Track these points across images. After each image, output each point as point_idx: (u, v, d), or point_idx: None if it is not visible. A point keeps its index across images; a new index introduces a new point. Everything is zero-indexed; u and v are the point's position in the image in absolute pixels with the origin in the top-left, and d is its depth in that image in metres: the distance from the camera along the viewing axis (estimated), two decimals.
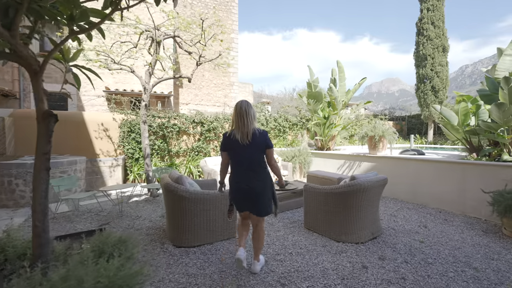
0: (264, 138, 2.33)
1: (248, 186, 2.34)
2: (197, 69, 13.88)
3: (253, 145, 2.29)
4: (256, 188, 2.36)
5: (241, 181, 2.37)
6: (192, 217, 3.06)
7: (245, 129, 2.25)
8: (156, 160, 7.58)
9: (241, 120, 2.25)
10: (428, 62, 12.02)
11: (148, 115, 7.69)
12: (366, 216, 3.15)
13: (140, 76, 5.40)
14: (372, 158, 5.59)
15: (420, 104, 12.68)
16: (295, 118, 10.06)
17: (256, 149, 2.32)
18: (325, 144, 7.65)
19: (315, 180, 5.45)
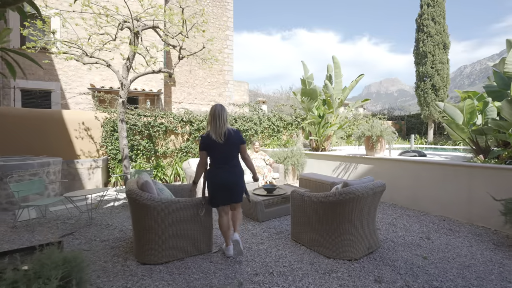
0: (239, 136, 2.72)
1: (228, 179, 2.68)
2: (190, 68, 13.37)
3: (230, 143, 2.64)
4: (235, 180, 2.73)
5: (222, 175, 2.68)
6: (159, 229, 2.63)
7: (220, 130, 2.58)
8: (142, 161, 7.15)
9: (216, 122, 2.58)
10: (429, 60, 11.61)
11: (134, 113, 7.28)
12: (361, 228, 2.73)
13: (117, 70, 4.97)
14: (369, 159, 5.18)
15: (420, 103, 12.27)
16: (290, 117, 9.65)
17: (233, 146, 2.68)
18: (320, 145, 7.24)
19: (308, 184, 5.03)
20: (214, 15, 14.93)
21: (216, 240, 3.19)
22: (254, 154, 5.91)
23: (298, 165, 6.51)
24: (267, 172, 5.40)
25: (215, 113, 2.58)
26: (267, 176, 5.34)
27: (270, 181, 5.34)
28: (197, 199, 2.84)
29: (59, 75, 9.12)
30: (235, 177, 2.72)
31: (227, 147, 2.63)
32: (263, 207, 3.81)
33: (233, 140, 2.65)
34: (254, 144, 6.04)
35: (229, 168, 2.69)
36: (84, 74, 9.45)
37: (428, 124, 12.38)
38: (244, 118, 8.68)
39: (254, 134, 8.68)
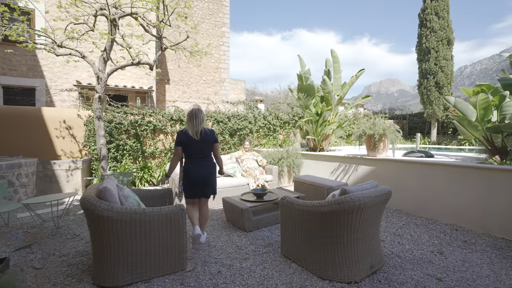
0: (212, 135, 2.96)
1: (201, 174, 2.91)
2: (178, 63, 12.85)
3: (204, 140, 2.89)
4: (207, 175, 2.95)
5: (196, 170, 2.90)
6: (120, 245, 2.18)
7: (195, 128, 2.83)
8: (128, 161, 6.71)
9: (193, 121, 2.84)
10: (432, 56, 11.14)
11: (120, 111, 6.83)
12: (362, 243, 2.28)
13: (92, 63, 4.51)
14: (370, 160, 4.73)
15: (423, 101, 11.80)
16: (287, 116, 9.20)
17: (207, 143, 2.93)
18: (318, 144, 6.78)
19: (303, 187, 4.59)
20: (210, 11, 14.49)
21: (193, 255, 2.74)
22: (246, 154, 5.46)
23: (294, 167, 6.06)
24: (259, 174, 4.95)
25: (192, 113, 2.86)
26: (259, 179, 4.89)
27: (263, 184, 4.89)
28: (170, 207, 2.41)
29: (44, 71, 8.68)
30: (207, 172, 2.96)
31: (202, 144, 2.89)
32: (250, 214, 3.36)
33: (208, 138, 2.92)
34: (244, 143, 5.59)
35: (202, 164, 2.94)
36: (71, 70, 9.01)
37: (431, 123, 11.92)
38: (238, 116, 8.24)
39: (248, 133, 8.24)
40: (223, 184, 4.58)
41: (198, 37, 14.01)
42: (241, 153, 5.53)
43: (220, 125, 7.88)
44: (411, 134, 13.49)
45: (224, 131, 7.88)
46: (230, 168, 5.11)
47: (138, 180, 6.45)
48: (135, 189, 3.13)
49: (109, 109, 6.77)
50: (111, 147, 6.49)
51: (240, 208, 3.33)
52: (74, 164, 5.56)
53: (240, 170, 5.18)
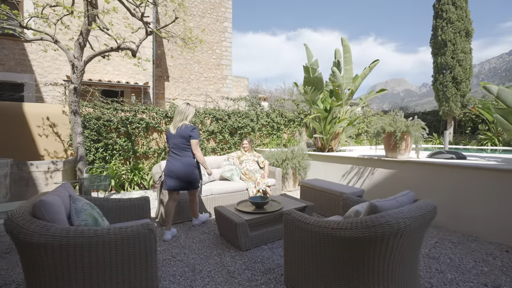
0: (188, 130, 3.04)
1: (174, 167, 3.04)
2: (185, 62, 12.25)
3: (179, 135, 3.04)
4: (180, 170, 3.03)
5: (170, 163, 3.09)
6: (60, 282, 1.56)
7: (176, 123, 3.08)
8: (117, 162, 6.14)
9: (176, 116, 3.09)
10: (449, 49, 10.32)
11: (109, 107, 6.27)
12: (396, 277, 1.62)
13: (66, 48, 3.92)
14: (390, 162, 4.05)
15: (438, 98, 10.99)
16: (292, 114, 8.54)
17: (182, 139, 3.04)
18: (327, 144, 6.11)
19: (311, 194, 3.93)
20: (211, 5, 13.89)
21: (169, 287, 2.11)
22: (246, 155, 4.82)
23: (300, 169, 5.40)
24: (260, 178, 4.30)
25: (178, 109, 3.09)
26: (260, 183, 4.24)
27: (264, 189, 4.25)
28: (134, 227, 1.79)
29: (33, 66, 8.18)
30: (181, 166, 3.03)
31: (177, 139, 3.03)
32: (247, 229, 2.72)
33: (182, 133, 3.01)
34: (243, 142, 4.96)
35: (176, 158, 3.05)
36: (62, 65, 8.49)
37: (447, 122, 11.12)
38: (239, 114, 7.61)
39: (250, 132, 7.60)
40: (218, 190, 3.94)
41: (198, 32, 13.43)
42: (240, 154, 4.89)
43: (219, 123, 7.26)
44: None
45: (223, 130, 7.26)
46: (227, 171, 4.48)
47: (127, 183, 5.86)
48: (102, 199, 2.51)
49: (98, 105, 6.21)
50: (99, 146, 5.93)
51: (235, 222, 2.69)
52: (54, 165, 4.99)
53: (238, 173, 4.54)
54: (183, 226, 3.51)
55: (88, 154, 5.85)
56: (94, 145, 5.91)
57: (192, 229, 3.38)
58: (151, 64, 9.73)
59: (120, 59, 9.27)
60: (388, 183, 4.11)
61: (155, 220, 3.76)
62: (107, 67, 9.09)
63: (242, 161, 4.73)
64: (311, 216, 1.94)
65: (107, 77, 9.00)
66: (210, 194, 3.87)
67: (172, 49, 12.67)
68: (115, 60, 9.20)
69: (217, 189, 3.94)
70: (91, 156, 5.85)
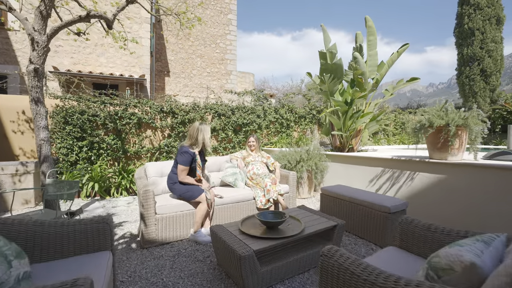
0: (178, 152, 3.03)
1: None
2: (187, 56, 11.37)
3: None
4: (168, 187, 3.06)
5: None
6: None
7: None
8: (103, 163, 5.34)
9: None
10: (477, 39, 9.29)
11: (96, 100, 5.48)
12: None
13: (24, 18, 3.11)
14: (437, 166, 3.15)
15: (464, 93, 9.96)
16: (303, 110, 7.66)
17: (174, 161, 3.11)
18: (346, 143, 5.21)
19: (334, 205, 3.06)
20: None
21: None
22: (252, 155, 3.96)
23: (317, 172, 4.52)
24: (271, 184, 3.43)
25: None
26: (270, 191, 3.37)
27: (275, 198, 3.37)
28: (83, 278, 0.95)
29: (18, 56, 7.46)
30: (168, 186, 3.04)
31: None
32: (255, 263, 1.86)
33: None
34: (249, 140, 4.10)
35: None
36: (50, 56, 7.75)
37: None
38: (244, 109, 6.76)
39: (256, 129, 6.75)
40: (217, 199, 3.09)
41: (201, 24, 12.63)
42: (245, 154, 4.03)
43: (222, 119, 6.43)
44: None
45: (226, 127, 6.42)
46: (229, 175, 3.62)
47: (114, 188, 5.05)
48: (37, 223, 1.65)
49: (83, 97, 5.43)
50: (83, 144, 5.14)
51: (238, 253, 1.82)
52: (23, 167, 4.20)
53: (243, 177, 3.69)
54: (170, 249, 2.66)
55: (70, 153, 5.07)
56: (77, 143, 5.13)
57: (181, 255, 2.53)
58: (148, 55, 8.96)
59: (114, 50, 8.51)
60: (434, 192, 3.20)
61: (136, 239, 2.93)
62: (100, 59, 8.34)
63: (248, 163, 3.88)
64: (372, 267, 1.06)
65: (100, 69, 8.25)
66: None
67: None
68: (109, 51, 8.45)
69: (216, 199, 3.09)
70: (73, 156, 5.07)
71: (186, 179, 2.96)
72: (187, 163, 2.94)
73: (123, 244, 2.78)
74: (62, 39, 7.85)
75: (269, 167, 3.94)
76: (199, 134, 2.98)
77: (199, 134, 2.98)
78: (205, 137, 3.01)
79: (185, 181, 2.95)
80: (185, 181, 2.95)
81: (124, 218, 3.64)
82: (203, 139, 3.00)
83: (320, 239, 2.49)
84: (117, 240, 2.87)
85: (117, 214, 3.82)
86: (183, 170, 2.93)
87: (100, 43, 8.32)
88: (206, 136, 3.01)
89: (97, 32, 8.28)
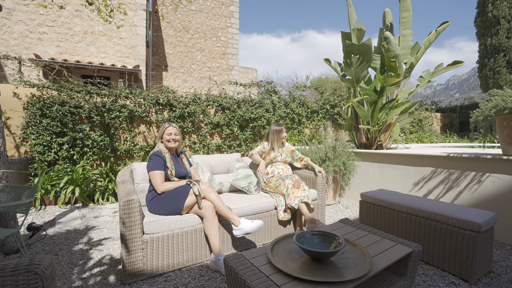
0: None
1: None
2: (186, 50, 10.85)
3: None
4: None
5: None
6: None
7: None
8: (91, 163, 4.54)
9: None
10: (502, 28, 8.53)
11: (81, 90, 4.68)
12: None
13: None
14: None
15: (487, 87, 9.22)
16: (315, 104, 6.88)
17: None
18: (375, 139, 4.42)
19: (381, 215, 2.26)
20: None
21: None
22: (275, 153, 3.03)
23: (345, 173, 3.72)
24: (292, 187, 2.59)
25: None
26: (291, 197, 2.54)
27: (297, 206, 2.53)
28: None
29: None
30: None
31: None
32: None
33: None
34: (281, 130, 3.08)
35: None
36: (33, 44, 6.94)
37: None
38: (252, 102, 5.97)
39: (265, 124, 5.96)
40: None
41: (202, 16, 11.88)
42: (273, 154, 3.00)
43: (227, 113, 5.63)
44: (463, 131, 10.89)
45: (231, 122, 5.62)
46: (242, 178, 2.80)
47: (99, 193, 4.23)
48: None
49: (66, 86, 4.64)
50: (63, 141, 4.34)
51: None
52: None
53: (258, 182, 2.88)
54: (164, 284, 1.85)
55: (47, 152, 4.26)
56: (56, 140, 4.32)
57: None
58: (143, 45, 8.15)
59: (106, 39, 7.70)
60: (510, 197, 2.41)
61: (117, 266, 2.11)
62: (90, 48, 7.53)
63: (273, 164, 3.00)
64: None
65: (90, 59, 7.44)
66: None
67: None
68: (100, 40, 7.64)
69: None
70: (51, 155, 4.26)
71: (166, 186, 2.21)
72: (159, 166, 2.24)
73: (97, 276, 1.96)
74: (47, 25, 7.05)
75: (295, 164, 3.10)
76: (158, 133, 2.51)
77: (158, 132, 2.52)
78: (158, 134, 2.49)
79: (165, 188, 2.19)
80: (166, 187, 2.20)
81: (106, 234, 2.83)
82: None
83: (385, 273, 1.69)
84: (89, 270, 2.06)
85: (97, 228, 3.00)
86: (157, 176, 2.21)
87: (91, 31, 7.52)
88: (159, 133, 2.47)
89: (86, 19, 7.50)
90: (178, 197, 2.09)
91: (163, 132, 2.40)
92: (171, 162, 2.31)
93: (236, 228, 2.09)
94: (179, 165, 2.39)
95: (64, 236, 2.72)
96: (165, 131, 2.39)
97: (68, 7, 7.20)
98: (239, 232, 2.09)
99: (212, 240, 2.04)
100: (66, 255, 2.31)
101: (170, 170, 2.27)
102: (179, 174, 2.33)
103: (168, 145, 2.39)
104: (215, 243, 2.04)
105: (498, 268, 2.04)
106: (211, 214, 2.06)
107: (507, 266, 2.07)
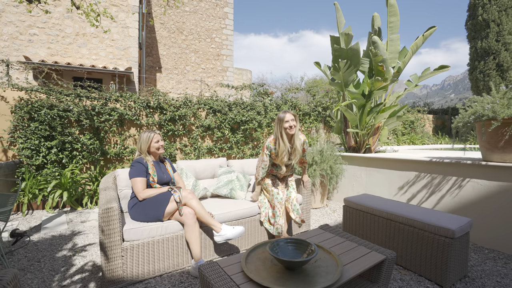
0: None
1: None
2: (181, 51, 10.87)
3: None
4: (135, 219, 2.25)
5: None
6: None
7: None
8: (80, 166, 4.52)
9: None
10: (492, 31, 8.66)
11: (70, 93, 4.66)
12: None
13: None
14: (498, 170, 2.43)
15: (477, 90, 9.34)
16: (307, 106, 6.92)
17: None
18: (363, 142, 4.47)
19: (363, 221, 2.30)
20: None
21: None
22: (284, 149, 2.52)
23: (332, 177, 3.75)
24: (295, 194, 2.55)
25: None
26: (291, 210, 2.51)
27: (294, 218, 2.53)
28: None
29: None
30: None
31: None
32: None
33: None
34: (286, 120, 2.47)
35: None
36: (24, 46, 6.89)
37: None
38: (243, 105, 5.99)
39: (256, 127, 5.98)
40: None
41: (196, 17, 11.87)
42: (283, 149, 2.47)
43: (218, 116, 5.64)
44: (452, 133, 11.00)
45: (222, 124, 5.63)
46: (223, 186, 2.82)
47: (88, 197, 4.22)
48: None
49: (54, 89, 4.61)
50: (52, 145, 4.32)
51: None
52: None
53: (243, 183, 2.89)
54: None
55: (35, 156, 4.24)
56: (45, 144, 4.30)
57: None
58: (136, 47, 8.13)
59: (98, 41, 7.67)
60: (494, 204, 2.46)
61: (98, 273, 2.12)
62: (82, 50, 7.49)
63: (274, 165, 2.64)
64: None
65: (81, 61, 7.40)
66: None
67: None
68: (91, 42, 7.60)
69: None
70: (39, 159, 4.24)
71: (147, 193, 2.21)
72: (141, 173, 2.24)
73: (77, 284, 1.97)
74: (38, 27, 7.00)
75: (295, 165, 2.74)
76: (141, 143, 2.37)
77: (141, 143, 2.38)
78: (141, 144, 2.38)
79: (146, 195, 2.19)
80: (148, 194, 2.20)
81: (91, 239, 2.83)
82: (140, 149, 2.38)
83: (359, 279, 1.72)
84: (70, 277, 2.06)
85: (83, 233, 3.00)
86: (139, 183, 2.21)
87: (82, 33, 7.48)
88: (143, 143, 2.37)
89: (78, 21, 7.46)
90: (159, 204, 2.11)
91: (150, 141, 2.36)
92: (153, 169, 2.32)
93: (217, 234, 2.11)
94: (162, 171, 2.39)
95: (49, 242, 2.72)
96: (153, 139, 2.36)
97: (59, 8, 7.17)
98: (220, 238, 2.11)
99: (193, 246, 2.06)
100: (49, 262, 2.31)
101: (152, 177, 2.28)
102: (161, 180, 2.34)
103: (158, 152, 2.40)
104: (196, 249, 2.05)
105: (474, 273, 2.08)
106: (192, 221, 2.08)
107: (483, 270, 2.11)
